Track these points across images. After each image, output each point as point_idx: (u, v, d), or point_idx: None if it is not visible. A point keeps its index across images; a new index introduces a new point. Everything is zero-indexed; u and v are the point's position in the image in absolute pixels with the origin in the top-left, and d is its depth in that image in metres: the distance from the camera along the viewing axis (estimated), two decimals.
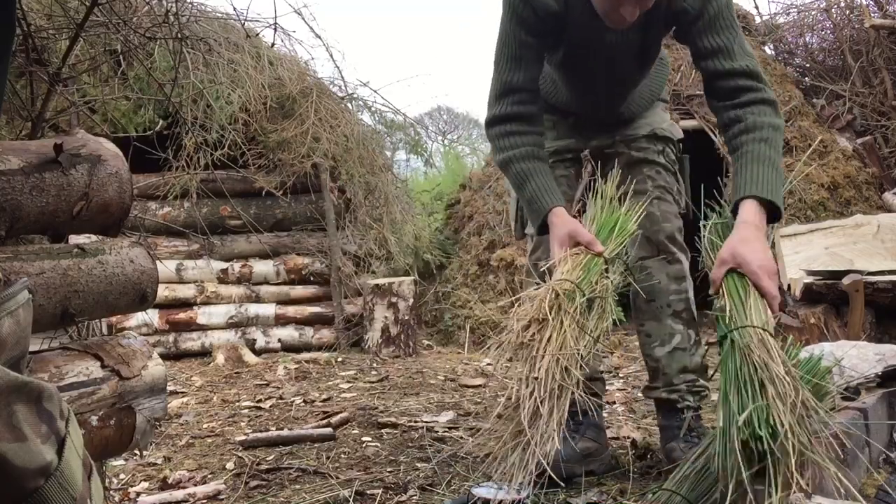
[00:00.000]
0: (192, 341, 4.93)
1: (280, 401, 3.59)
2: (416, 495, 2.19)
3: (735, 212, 1.86)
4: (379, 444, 2.76)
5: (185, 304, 4.99)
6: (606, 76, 2.20)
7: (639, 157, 2.33)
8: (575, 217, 2.11)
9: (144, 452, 2.61)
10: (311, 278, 5.16)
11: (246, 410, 3.44)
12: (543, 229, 2.09)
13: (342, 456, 2.63)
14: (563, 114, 2.35)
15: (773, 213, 1.85)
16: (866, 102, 5.58)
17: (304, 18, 7.04)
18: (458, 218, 6.03)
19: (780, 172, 1.88)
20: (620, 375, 3.93)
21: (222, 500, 2.27)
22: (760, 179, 1.84)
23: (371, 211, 5.44)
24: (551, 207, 2.05)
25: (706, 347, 2.40)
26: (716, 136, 5.28)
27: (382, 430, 2.96)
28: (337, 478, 2.37)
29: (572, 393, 2.06)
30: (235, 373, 4.41)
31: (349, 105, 5.73)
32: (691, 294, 2.33)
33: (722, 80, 2.02)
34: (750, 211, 1.82)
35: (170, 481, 2.46)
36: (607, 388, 3.63)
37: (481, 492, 2.03)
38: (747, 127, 1.94)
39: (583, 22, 2.04)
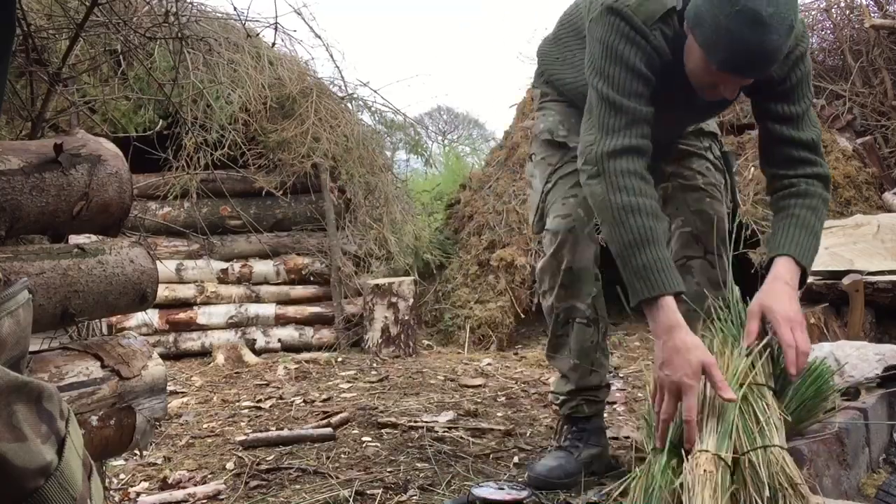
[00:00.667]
0: (192, 341, 4.93)
1: (280, 401, 3.59)
2: (416, 495, 2.19)
3: (768, 267, 1.88)
4: (379, 444, 2.76)
5: (185, 304, 4.99)
6: (674, 125, 2.15)
7: (686, 149, 2.29)
8: None
9: (144, 452, 2.61)
10: (311, 278, 5.16)
11: (246, 410, 3.44)
12: (640, 305, 1.80)
13: (342, 456, 2.63)
14: None
15: (802, 279, 1.87)
16: (866, 102, 5.57)
17: (303, 18, 7.02)
18: (458, 218, 6.03)
19: (818, 243, 1.92)
20: (620, 375, 3.93)
21: (222, 500, 2.27)
22: (801, 243, 1.87)
23: (371, 211, 5.44)
24: (667, 293, 1.75)
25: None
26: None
27: (382, 430, 2.96)
28: (337, 478, 2.37)
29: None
30: (235, 373, 4.41)
31: (349, 105, 5.73)
32: (731, 300, 2.29)
33: (785, 147, 2.00)
34: (784, 268, 1.84)
35: (170, 481, 2.46)
36: None
37: (482, 492, 2.03)
38: (798, 192, 1.97)
39: (673, 79, 1.91)
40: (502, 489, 2.06)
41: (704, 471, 1.49)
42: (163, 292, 4.74)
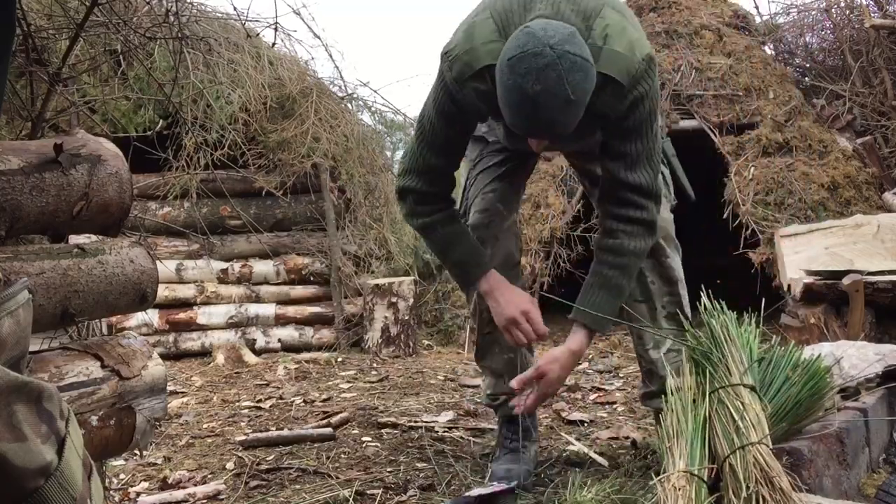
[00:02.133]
0: (192, 341, 4.93)
1: (280, 401, 3.59)
2: (416, 495, 2.19)
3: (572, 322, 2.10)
4: (379, 444, 2.76)
5: (185, 304, 4.99)
6: (549, 150, 2.21)
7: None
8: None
9: (144, 452, 2.61)
10: (311, 278, 5.16)
11: (246, 410, 3.44)
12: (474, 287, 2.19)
13: (342, 456, 2.63)
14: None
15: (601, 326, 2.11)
16: (866, 102, 5.57)
17: (302, 19, 7.05)
18: None
19: (622, 299, 2.11)
20: (620, 375, 3.93)
21: (222, 500, 2.27)
22: (599, 305, 2.06)
23: (371, 211, 5.44)
24: (479, 276, 2.14)
25: None
26: (716, 136, 5.29)
27: (382, 430, 2.96)
28: (337, 478, 2.37)
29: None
30: (235, 373, 4.41)
31: (349, 105, 5.73)
32: (685, 297, 2.33)
33: (615, 186, 2.06)
34: (576, 339, 2.08)
35: (170, 481, 2.46)
36: (607, 388, 3.63)
37: (475, 490, 2.06)
38: (613, 248, 2.08)
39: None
40: (492, 484, 2.09)
41: (675, 488, 1.50)
42: (163, 292, 4.74)
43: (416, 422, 3.05)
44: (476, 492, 2.06)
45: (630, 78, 1.89)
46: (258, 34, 4.54)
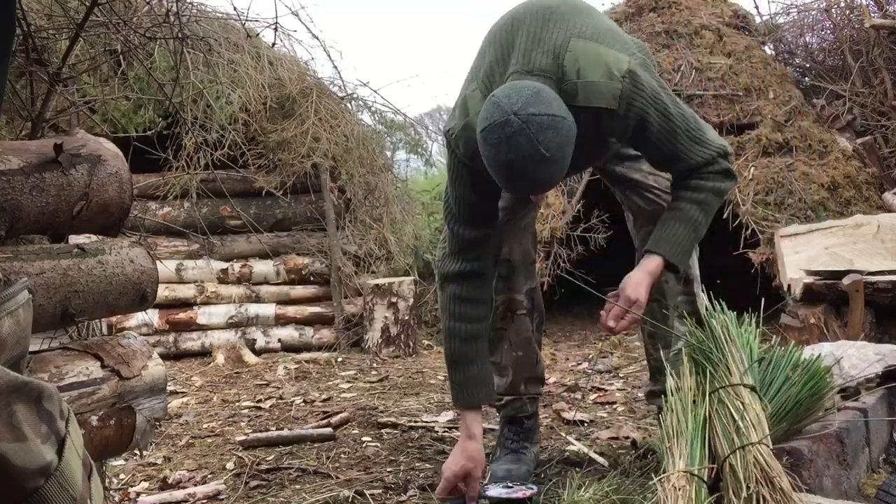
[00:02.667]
0: (192, 341, 4.93)
1: (280, 401, 3.59)
2: (416, 495, 2.19)
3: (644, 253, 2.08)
4: (379, 444, 2.76)
5: (185, 304, 4.98)
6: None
7: (630, 151, 2.30)
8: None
9: (144, 452, 2.60)
10: (311, 278, 5.16)
11: (246, 410, 3.44)
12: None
13: (342, 456, 2.63)
14: None
15: (674, 266, 2.06)
16: (866, 102, 5.57)
17: (301, 20, 7.03)
18: None
19: (697, 235, 2.07)
20: (620, 375, 3.93)
21: (222, 500, 2.27)
22: (677, 238, 2.03)
23: (371, 211, 5.44)
24: (467, 408, 2.15)
25: None
26: None
27: (382, 430, 2.96)
28: (337, 478, 2.37)
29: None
30: (235, 373, 4.41)
31: (349, 105, 5.73)
32: (700, 296, 2.33)
33: (683, 178, 2.08)
34: (653, 262, 2.03)
35: (170, 481, 2.46)
36: (607, 388, 3.63)
37: (493, 492, 2.05)
38: (692, 186, 2.05)
39: None
40: (511, 487, 2.08)
41: (675, 488, 1.50)
42: (163, 292, 4.74)
43: (416, 422, 3.05)
44: (495, 492, 2.05)
45: (619, 101, 1.91)
46: (258, 34, 4.54)
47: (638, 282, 2.00)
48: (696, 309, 2.29)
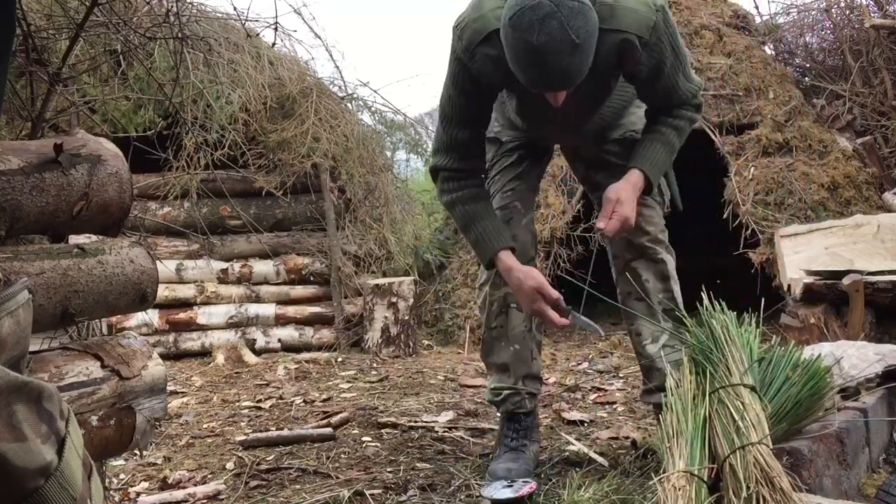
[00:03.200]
0: (192, 341, 4.93)
1: (280, 401, 3.59)
2: (416, 495, 2.19)
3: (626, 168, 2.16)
4: (379, 444, 2.76)
5: (185, 304, 4.98)
6: (563, 120, 2.21)
7: (612, 160, 2.33)
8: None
9: (144, 452, 2.61)
10: (311, 278, 5.16)
11: (246, 410, 3.44)
12: (491, 265, 2.22)
13: (342, 456, 2.63)
14: (526, 129, 2.38)
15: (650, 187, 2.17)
16: (866, 102, 5.57)
17: (303, 18, 7.03)
18: None
19: (671, 159, 2.20)
20: (620, 375, 3.93)
21: (222, 500, 2.27)
22: (657, 158, 2.14)
23: (371, 211, 5.44)
24: (499, 249, 2.16)
25: None
26: (716, 136, 5.29)
27: (382, 430, 2.96)
28: (337, 478, 2.37)
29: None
30: (235, 373, 4.40)
31: (349, 105, 5.72)
32: (678, 293, 2.37)
33: (664, 110, 2.20)
34: (637, 178, 2.12)
35: (170, 481, 2.46)
36: (607, 388, 3.63)
37: (491, 492, 2.03)
38: (670, 113, 2.18)
39: (526, 90, 2.03)
40: (511, 485, 2.06)
41: (675, 488, 1.50)
42: (163, 292, 4.74)
43: (416, 422, 3.05)
44: (500, 494, 2.04)
45: (650, 31, 1.97)
46: (258, 34, 4.54)
47: (628, 198, 2.08)
48: (676, 305, 2.32)
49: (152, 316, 4.81)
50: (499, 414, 2.50)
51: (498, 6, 1.95)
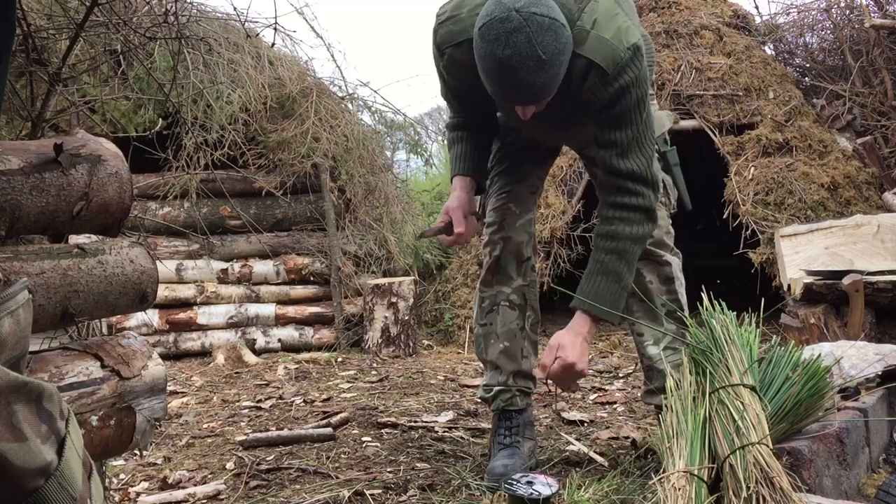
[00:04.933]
0: (192, 341, 4.93)
1: (280, 401, 3.59)
2: (415, 495, 2.19)
3: (572, 313, 2.09)
4: (379, 444, 2.76)
5: (185, 304, 4.98)
6: (537, 129, 2.22)
7: None
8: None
9: (144, 452, 2.60)
10: (311, 278, 5.16)
11: (246, 410, 3.44)
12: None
13: (342, 456, 2.63)
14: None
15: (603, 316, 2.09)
16: (866, 102, 5.57)
17: (305, 18, 7.01)
18: None
19: (622, 286, 2.08)
20: (620, 375, 3.93)
21: (222, 500, 2.27)
22: (600, 293, 2.05)
23: (371, 211, 5.44)
24: (455, 174, 2.27)
25: None
26: (716, 136, 5.29)
27: (382, 430, 2.96)
28: (337, 478, 2.37)
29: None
30: (235, 373, 4.40)
31: (349, 105, 5.73)
32: (683, 294, 2.36)
33: (608, 174, 2.08)
34: (580, 322, 2.06)
35: (170, 481, 2.46)
36: (607, 388, 3.63)
37: (520, 490, 1.99)
38: (610, 233, 2.07)
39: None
40: (532, 483, 2.00)
41: (675, 488, 1.50)
42: (163, 292, 4.74)
43: (416, 422, 3.05)
44: (522, 490, 1.99)
45: (615, 66, 1.92)
46: (258, 34, 4.54)
47: (571, 344, 2.03)
48: (679, 307, 2.32)
49: (152, 316, 4.81)
50: (491, 411, 2.50)
51: (477, 4, 1.96)
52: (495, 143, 2.41)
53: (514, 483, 1.98)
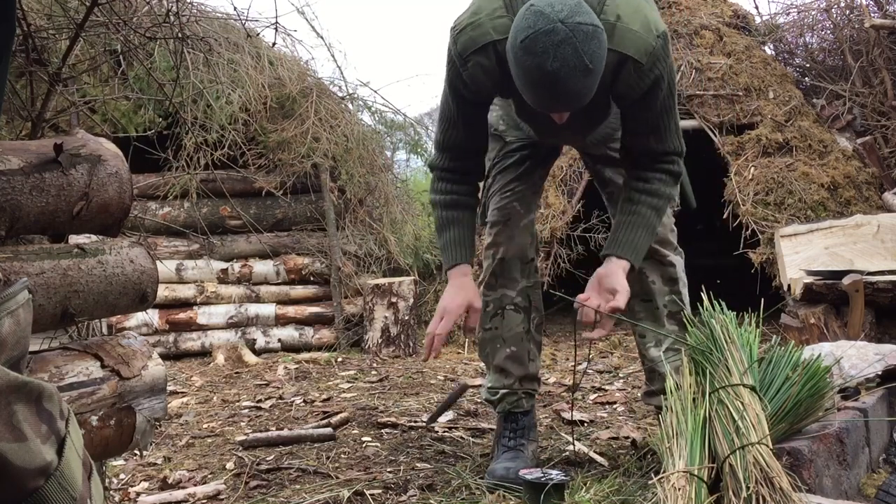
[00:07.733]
0: (192, 341, 4.93)
1: (280, 401, 3.59)
2: (415, 495, 2.19)
3: (605, 256, 2.12)
4: (379, 444, 2.76)
5: (185, 304, 4.98)
6: (563, 131, 2.20)
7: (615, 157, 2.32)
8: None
9: (144, 452, 2.60)
10: (311, 278, 5.16)
11: (246, 410, 3.44)
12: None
13: (342, 456, 2.63)
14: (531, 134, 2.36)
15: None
16: (866, 102, 5.57)
17: (305, 18, 7.01)
18: None
19: (653, 239, 2.16)
20: (620, 375, 3.93)
21: (222, 500, 2.27)
22: (640, 245, 2.09)
23: (371, 211, 5.44)
24: (455, 264, 2.20)
25: None
26: (716, 136, 5.29)
27: (382, 430, 2.96)
28: (337, 478, 2.37)
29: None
30: (235, 373, 4.40)
31: (349, 105, 5.73)
32: (686, 295, 2.36)
33: (646, 157, 2.13)
34: (623, 268, 2.08)
35: (170, 481, 2.46)
36: (607, 388, 3.63)
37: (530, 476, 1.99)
38: (652, 191, 2.12)
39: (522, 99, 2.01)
40: (547, 473, 2.02)
41: (675, 488, 1.50)
42: (163, 292, 4.74)
43: (416, 422, 3.05)
44: (532, 476, 1.98)
45: (648, 56, 1.93)
46: (258, 34, 4.54)
47: (623, 288, 2.03)
48: (682, 308, 2.32)
49: (152, 316, 4.81)
50: (496, 413, 2.50)
51: (498, 15, 1.93)
52: (495, 142, 2.39)
53: (528, 474, 2.00)
